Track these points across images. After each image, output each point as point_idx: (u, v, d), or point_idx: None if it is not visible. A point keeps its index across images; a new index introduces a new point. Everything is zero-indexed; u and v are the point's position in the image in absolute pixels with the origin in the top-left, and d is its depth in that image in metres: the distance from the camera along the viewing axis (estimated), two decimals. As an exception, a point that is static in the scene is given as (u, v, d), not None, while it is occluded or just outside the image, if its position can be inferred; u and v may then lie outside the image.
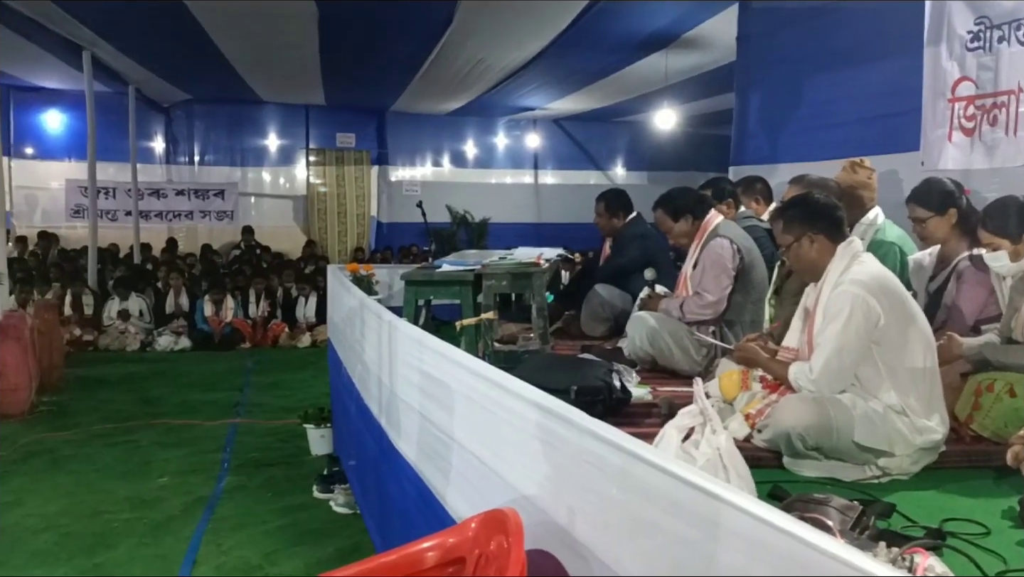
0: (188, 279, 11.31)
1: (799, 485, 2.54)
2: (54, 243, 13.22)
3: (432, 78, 11.23)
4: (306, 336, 10.50)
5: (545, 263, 4.47)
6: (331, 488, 4.87)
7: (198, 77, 12.01)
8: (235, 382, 8.25)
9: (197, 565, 3.94)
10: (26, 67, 11.18)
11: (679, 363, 3.77)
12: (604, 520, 1.71)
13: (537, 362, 3.48)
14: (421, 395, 2.90)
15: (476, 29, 8.42)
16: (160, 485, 5.12)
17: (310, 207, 15.33)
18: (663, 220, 4.02)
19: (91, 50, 9.95)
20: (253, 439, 6.17)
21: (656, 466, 1.53)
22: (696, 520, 1.43)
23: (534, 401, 2.00)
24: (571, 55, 9.47)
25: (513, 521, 1.79)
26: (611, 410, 3.01)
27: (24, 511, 4.66)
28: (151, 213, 14.10)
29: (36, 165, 13.93)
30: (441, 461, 2.65)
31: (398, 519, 3.34)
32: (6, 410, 6.60)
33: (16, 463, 5.54)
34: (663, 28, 8.37)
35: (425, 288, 4.38)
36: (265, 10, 7.88)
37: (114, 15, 8.42)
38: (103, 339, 10.04)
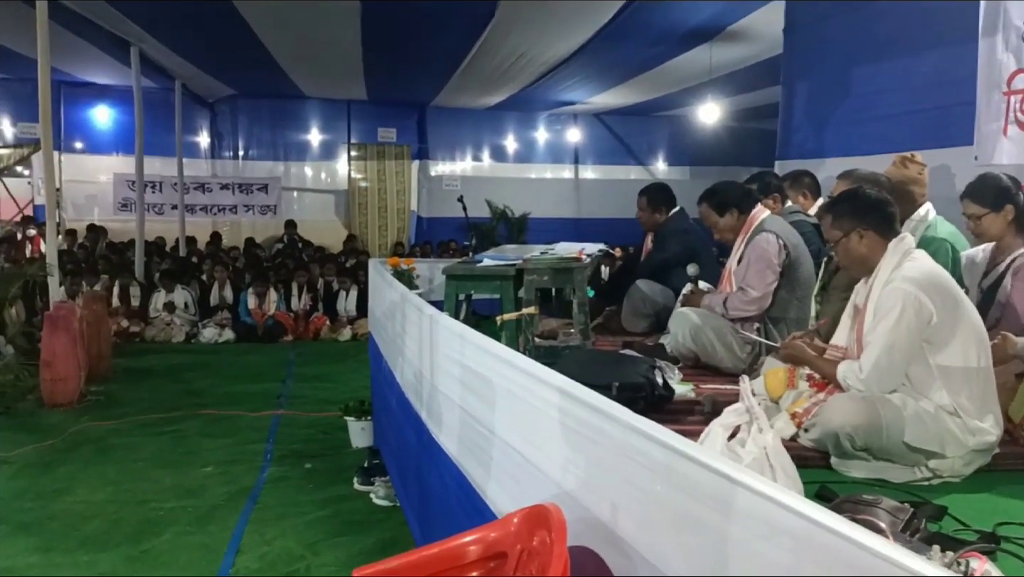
0: (232, 272, 11.48)
1: (847, 486, 2.49)
2: (102, 236, 13.49)
3: (473, 73, 11.23)
4: (347, 329, 10.59)
5: (586, 258, 4.43)
6: (371, 480, 4.91)
7: (242, 72, 12.16)
8: (277, 374, 8.35)
9: (241, 554, 3.99)
10: (76, 63, 11.42)
11: (722, 360, 3.72)
12: (648, 517, 1.69)
13: (578, 358, 3.46)
14: (462, 389, 2.90)
15: (518, 23, 8.39)
16: (205, 474, 5.20)
17: (351, 201, 15.46)
18: (708, 215, 3.96)
19: (139, 46, 10.12)
20: (295, 430, 6.24)
21: (702, 463, 1.51)
22: (744, 518, 1.40)
23: (576, 396, 1.98)
24: (614, 48, 9.41)
25: (556, 517, 1.77)
26: (653, 407, 2.98)
27: (74, 498, 4.76)
28: (196, 207, 14.32)
29: (85, 159, 14.24)
30: (482, 455, 2.64)
31: (438, 512, 3.34)
32: (56, 399, 6.76)
33: (65, 451, 5.67)
34: (708, 20, 8.27)
35: (466, 282, 4.37)
36: (309, 5, 7.95)
37: (161, 11, 8.55)
38: (149, 330, 10.24)
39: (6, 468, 5.27)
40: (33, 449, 5.64)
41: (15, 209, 14.32)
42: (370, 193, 15.49)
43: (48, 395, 6.78)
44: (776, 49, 7.54)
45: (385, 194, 15.54)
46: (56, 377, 6.78)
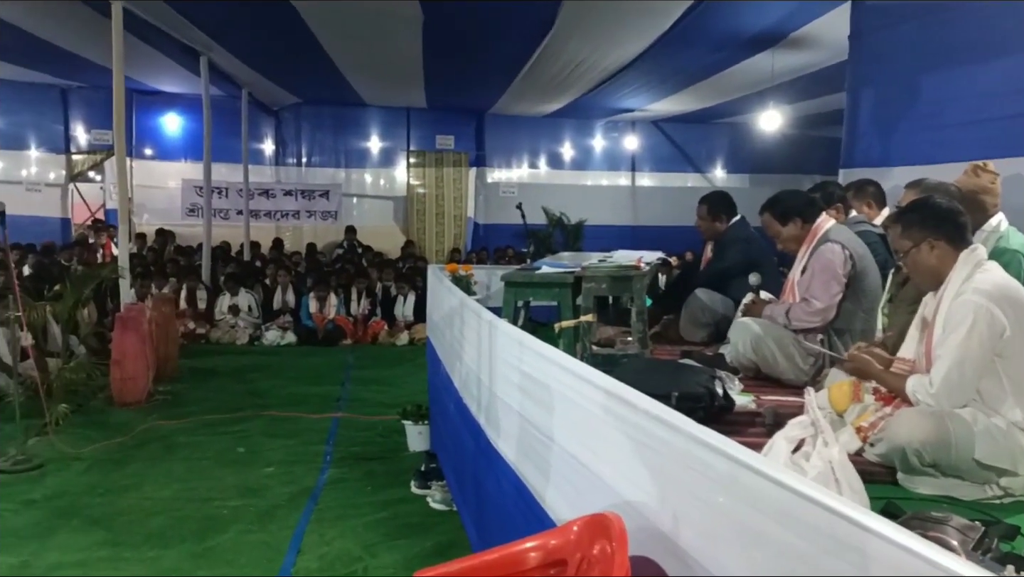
0: (294, 276, 11.70)
1: (914, 503, 2.43)
2: (170, 240, 13.88)
3: (532, 80, 11.28)
4: (404, 334, 10.71)
5: (645, 266, 4.41)
6: (428, 484, 4.95)
7: (306, 81, 12.42)
8: (337, 377, 8.48)
9: (301, 553, 4.07)
10: (148, 72, 11.79)
11: (784, 372, 3.66)
12: (711, 529, 1.68)
13: (636, 366, 3.45)
14: (521, 395, 2.91)
15: (578, 30, 8.40)
16: (267, 474, 5.31)
17: (409, 208, 15.63)
18: (770, 224, 3.91)
19: (208, 55, 10.41)
20: (354, 433, 6.33)
21: (767, 475, 1.50)
22: (809, 532, 1.39)
23: (638, 405, 1.98)
24: (674, 55, 9.35)
25: (617, 526, 1.78)
26: (713, 418, 2.95)
27: (141, 494, 4.91)
28: (260, 212, 14.64)
29: (155, 165, 14.67)
30: (541, 461, 2.65)
31: (495, 517, 3.36)
32: (126, 398, 6.98)
33: (134, 448, 5.85)
34: (771, 26, 8.17)
35: (524, 289, 4.39)
36: (372, 14, 8.07)
37: (230, 20, 8.78)
38: (214, 332, 10.50)
39: (78, 464, 5.45)
40: (103, 446, 5.83)
41: (87, 213, 14.85)
42: (428, 199, 15.65)
43: (118, 394, 6.99)
44: (841, 55, 7.41)
45: (443, 200, 15.68)
46: (126, 376, 6.99)
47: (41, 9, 8.29)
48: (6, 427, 5.78)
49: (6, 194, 6.66)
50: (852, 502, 1.40)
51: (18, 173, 14.18)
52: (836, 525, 1.32)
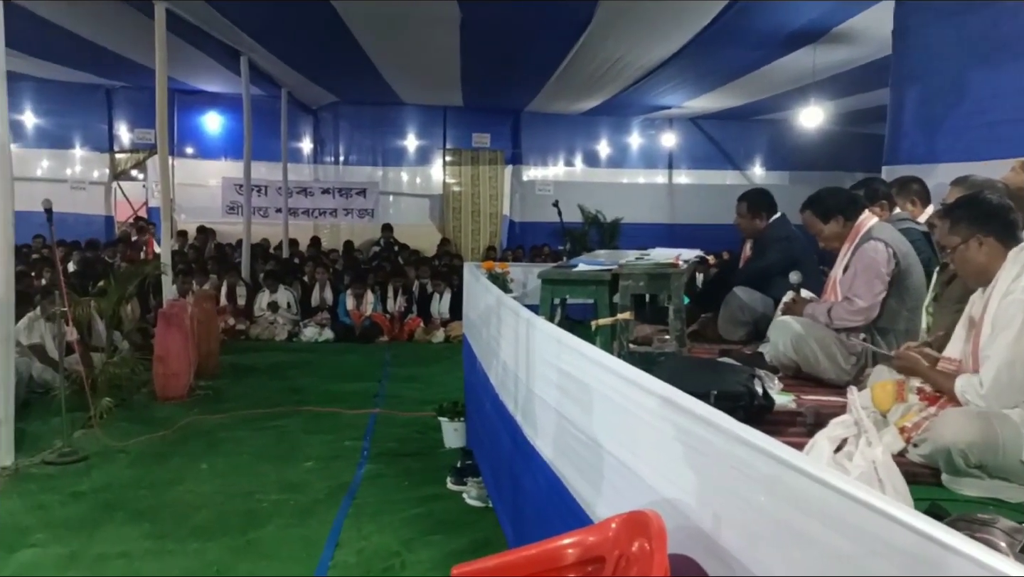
0: (332, 274, 11.81)
1: (959, 504, 2.39)
2: (211, 237, 14.08)
3: (568, 78, 11.25)
4: (440, 331, 10.76)
5: (683, 264, 4.39)
6: (464, 481, 4.97)
7: (345, 80, 12.52)
8: (374, 374, 8.54)
9: (339, 548, 4.11)
10: (190, 72, 11.98)
11: (825, 371, 3.62)
12: (752, 529, 1.67)
13: (674, 364, 3.42)
14: (559, 393, 2.91)
15: (616, 27, 8.36)
16: (306, 469, 5.37)
17: (445, 206, 15.69)
18: (812, 222, 3.86)
19: (248, 55, 10.55)
20: (391, 429, 6.37)
21: (809, 475, 1.48)
22: (854, 533, 1.37)
23: (677, 403, 1.97)
24: (713, 51, 9.27)
25: (656, 524, 1.77)
26: (752, 417, 2.93)
27: (184, 488, 4.99)
28: (299, 210, 14.79)
29: (196, 164, 14.90)
30: (578, 459, 2.65)
31: (532, 514, 3.36)
32: (168, 393, 7.10)
33: (176, 443, 5.94)
34: (812, 22, 8.05)
35: (561, 287, 4.39)
36: (411, 14, 8.12)
37: (271, 21, 8.89)
38: (254, 328, 10.64)
39: (122, 457, 5.56)
40: (147, 440, 5.94)
41: (130, 211, 15.13)
42: (464, 197, 15.70)
43: (161, 389, 7.12)
44: (884, 51, 7.29)
45: (478, 199, 15.72)
46: (168, 372, 7.11)
47: (87, 11, 8.46)
48: (53, 420, 5.92)
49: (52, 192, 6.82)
50: (898, 502, 1.38)
51: (63, 172, 14.50)
52: (882, 526, 1.31)
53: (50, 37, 9.48)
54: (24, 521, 4.41)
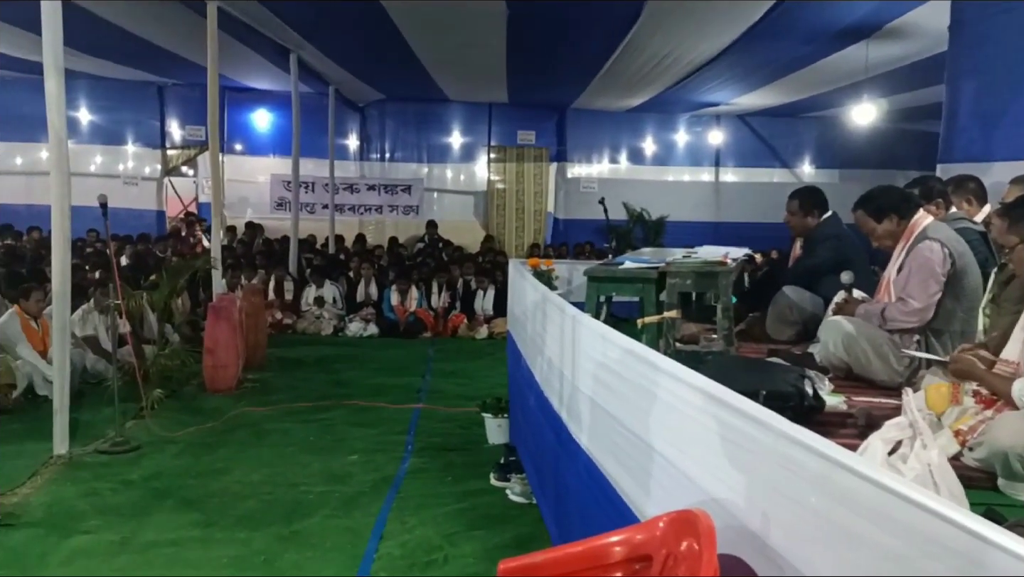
0: (377, 270, 11.91)
1: (1015, 509, 2.33)
2: (259, 233, 14.29)
3: (615, 75, 11.19)
4: (483, 328, 10.79)
5: (731, 263, 4.33)
6: (508, 477, 4.98)
7: (392, 77, 12.61)
8: (418, 369, 8.60)
9: (384, 540, 4.15)
10: (240, 69, 12.17)
11: (877, 372, 3.54)
12: (802, 529, 1.65)
13: (722, 363, 3.38)
14: (605, 390, 2.90)
15: (664, 23, 8.29)
16: (350, 462, 5.43)
17: (489, 203, 15.72)
18: (865, 221, 3.77)
19: (298, 53, 10.68)
20: (434, 424, 6.41)
21: (863, 475, 1.46)
22: (907, 534, 1.35)
23: (726, 401, 1.95)
24: (763, 47, 9.14)
25: (704, 524, 1.75)
26: (802, 418, 2.86)
27: (232, 478, 5.08)
28: (344, 206, 14.94)
29: (245, 160, 15.13)
30: (624, 457, 2.64)
31: (576, 511, 3.36)
32: (217, 385, 7.22)
33: (224, 433, 6.05)
34: (865, 17, 7.90)
35: (607, 284, 4.36)
36: (458, 11, 8.14)
37: (320, 19, 8.99)
38: (301, 323, 10.78)
39: (172, 447, 5.68)
40: (196, 430, 6.06)
41: (180, 207, 15.43)
42: (508, 195, 15.71)
43: (210, 381, 7.25)
44: (940, 46, 7.12)
45: (523, 196, 15.71)
46: (217, 364, 7.24)
47: (142, 9, 8.64)
48: (105, 410, 6.06)
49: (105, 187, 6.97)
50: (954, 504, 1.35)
51: (116, 167, 14.83)
52: (938, 528, 1.28)
53: (105, 35, 9.70)
54: (78, 507, 4.53)
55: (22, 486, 4.78)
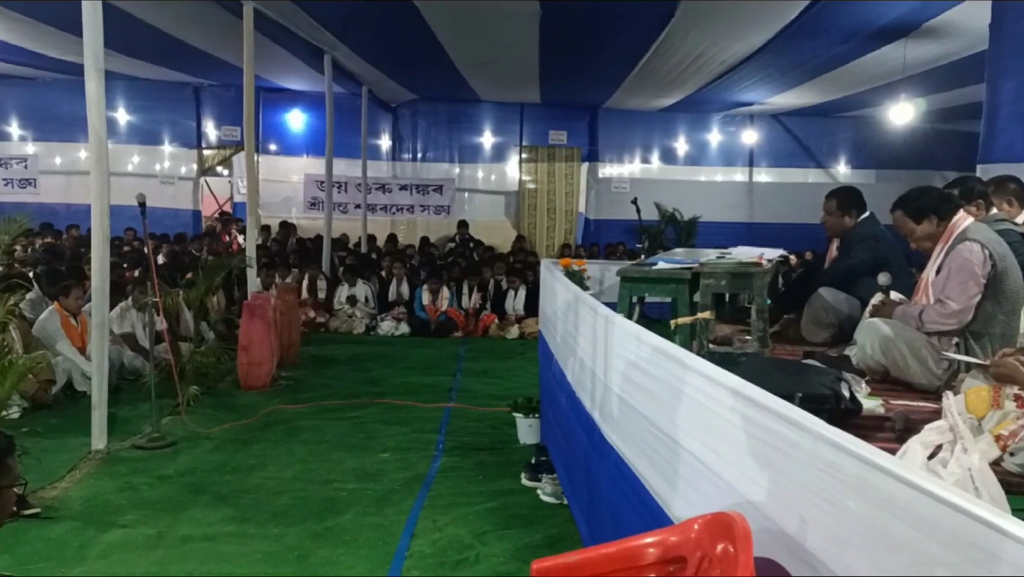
0: (408, 269, 11.97)
1: (1059, 517, 2.28)
2: (293, 232, 14.43)
3: (648, 74, 11.14)
4: (514, 328, 10.80)
5: (766, 263, 4.29)
6: (538, 477, 4.98)
7: (424, 78, 12.67)
8: (449, 368, 8.63)
9: (415, 538, 4.17)
10: (275, 70, 12.29)
11: (915, 376, 3.48)
12: (840, 533, 1.63)
13: (757, 365, 3.35)
14: (638, 391, 2.89)
15: (699, 22, 8.23)
16: (382, 459, 5.47)
17: (521, 203, 15.72)
18: (903, 222, 3.71)
19: (331, 53, 10.76)
20: (465, 423, 6.43)
21: (902, 479, 1.44)
22: (949, 539, 1.33)
23: (761, 403, 1.93)
24: (799, 46, 9.04)
25: (740, 526, 1.74)
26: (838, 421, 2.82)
27: (265, 474, 5.14)
28: (376, 206, 15.03)
29: (279, 160, 15.26)
30: (657, 458, 2.63)
31: (608, 512, 3.35)
32: (251, 382, 7.31)
33: (259, 430, 6.12)
34: (903, 16, 7.78)
35: (640, 285, 4.34)
36: (491, 11, 8.15)
37: (354, 20, 9.05)
38: (333, 321, 10.87)
39: (207, 443, 5.75)
40: (230, 427, 6.13)
41: (215, 206, 15.63)
42: (539, 195, 15.70)
43: (244, 378, 7.33)
44: (980, 45, 7.01)
45: (554, 196, 15.70)
46: (252, 361, 7.32)
47: (179, 10, 8.76)
48: (142, 406, 6.16)
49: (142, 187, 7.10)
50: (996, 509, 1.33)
51: (153, 167, 15.06)
52: (980, 533, 1.26)
53: (143, 36, 9.85)
54: (115, 501, 4.61)
55: (61, 480, 4.87)
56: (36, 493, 4.52)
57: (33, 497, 4.42)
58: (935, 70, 9.66)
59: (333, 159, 12.00)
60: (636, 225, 11.15)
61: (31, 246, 11.66)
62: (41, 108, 14.50)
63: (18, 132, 14.95)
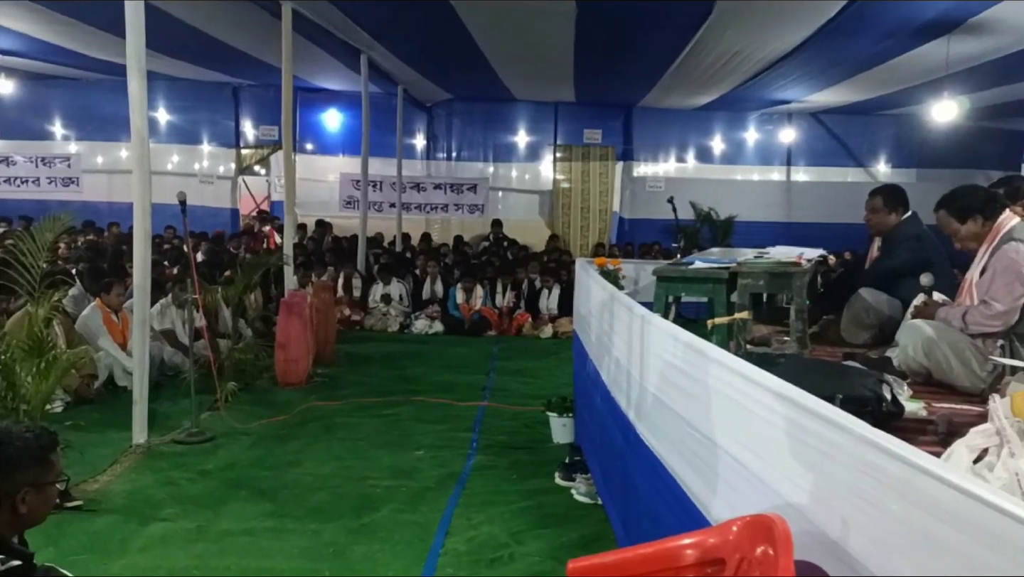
0: (442, 268, 12.02)
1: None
2: (329, 230, 14.55)
3: (684, 72, 11.05)
4: (548, 327, 10.79)
5: (806, 263, 4.24)
6: (573, 476, 4.97)
7: (459, 77, 12.70)
8: (482, 367, 8.65)
9: (450, 536, 4.19)
10: (312, 70, 12.40)
11: (958, 378, 3.42)
12: (883, 536, 1.61)
13: (796, 366, 3.31)
14: (675, 391, 2.87)
15: (736, 19, 8.15)
16: (417, 457, 5.50)
17: (554, 202, 15.69)
18: (947, 222, 3.65)
19: (368, 53, 10.83)
20: (499, 422, 6.44)
21: (948, 482, 1.42)
22: (994, 543, 1.31)
23: (803, 404, 1.91)
24: (839, 43, 8.91)
25: (781, 529, 1.73)
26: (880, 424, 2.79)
27: (302, 470, 5.19)
28: (411, 205, 15.10)
29: (315, 160, 15.38)
30: (695, 459, 2.61)
31: (644, 513, 3.33)
32: (288, 379, 7.38)
33: (296, 427, 6.18)
34: (947, 12, 7.62)
35: (677, 284, 4.31)
36: (527, 10, 8.14)
37: (391, 20, 9.10)
38: (368, 319, 10.95)
39: (245, 439, 5.82)
40: (268, 423, 6.21)
41: (253, 204, 15.81)
42: (573, 194, 15.66)
43: (281, 375, 7.41)
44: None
45: (588, 195, 15.65)
46: (289, 359, 7.40)
47: (218, 11, 8.87)
48: (182, 401, 6.26)
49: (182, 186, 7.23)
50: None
51: (192, 166, 15.28)
52: (1030, 539, 1.24)
53: (183, 37, 9.99)
54: (156, 496, 4.69)
55: (103, 473, 4.97)
56: (79, 486, 4.61)
57: (76, 490, 4.51)
58: (980, 67, 9.46)
59: (369, 158, 12.08)
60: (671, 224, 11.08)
61: (74, 244, 11.91)
62: (84, 108, 14.79)
63: (61, 132, 15.26)
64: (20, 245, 4.95)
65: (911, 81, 10.83)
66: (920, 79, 10.50)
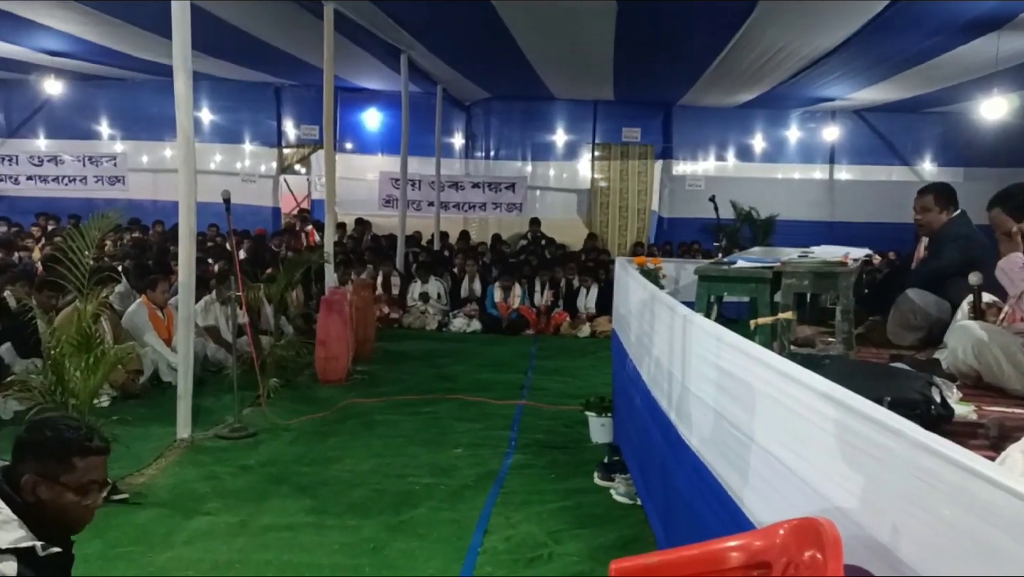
0: (480, 266, 12.04)
1: None
2: (368, 229, 14.66)
3: (725, 70, 10.94)
4: (586, 326, 10.76)
5: (852, 263, 4.17)
6: (612, 476, 4.95)
7: (499, 76, 12.70)
8: (520, 365, 8.65)
9: (488, 534, 4.19)
10: (353, 70, 12.50)
11: (1010, 381, 3.33)
12: (936, 541, 1.57)
13: (842, 367, 3.25)
14: (717, 392, 2.84)
15: (780, 17, 8.04)
16: (455, 455, 5.52)
17: (593, 201, 15.63)
18: (1002, 220, 3.56)
19: (408, 53, 10.89)
20: (537, 421, 6.43)
21: (1004, 487, 1.38)
22: (1057, 554, 1.27)
23: (851, 406, 1.88)
24: (884, 40, 8.74)
25: (829, 533, 1.70)
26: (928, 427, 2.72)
27: (342, 467, 5.23)
28: (449, 204, 15.15)
29: (354, 159, 15.50)
30: (738, 461, 2.58)
31: (685, 514, 3.30)
32: (328, 376, 7.45)
33: (335, 423, 6.24)
34: (997, 7, 7.44)
35: (719, 284, 4.26)
36: (568, 9, 8.12)
37: (432, 20, 9.14)
38: (406, 317, 11.01)
39: (287, 435, 5.89)
40: (309, 419, 6.27)
41: (294, 203, 15.98)
42: (611, 193, 15.58)
43: (322, 372, 7.48)
44: (1082, 35, 6.66)
45: (626, 194, 15.56)
46: (329, 356, 7.47)
47: (261, 12, 8.98)
48: (225, 397, 6.35)
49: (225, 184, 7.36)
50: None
51: (235, 165, 15.50)
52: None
53: (226, 37, 10.13)
54: (199, 490, 4.76)
55: (148, 467, 5.06)
56: (124, 479, 4.71)
57: (122, 483, 4.60)
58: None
59: (408, 157, 12.14)
60: (711, 223, 10.98)
61: (120, 241, 12.14)
62: (130, 108, 15.09)
63: (108, 131, 15.58)
64: (69, 242, 5.05)
65: (959, 78, 10.60)
66: (969, 76, 10.27)
